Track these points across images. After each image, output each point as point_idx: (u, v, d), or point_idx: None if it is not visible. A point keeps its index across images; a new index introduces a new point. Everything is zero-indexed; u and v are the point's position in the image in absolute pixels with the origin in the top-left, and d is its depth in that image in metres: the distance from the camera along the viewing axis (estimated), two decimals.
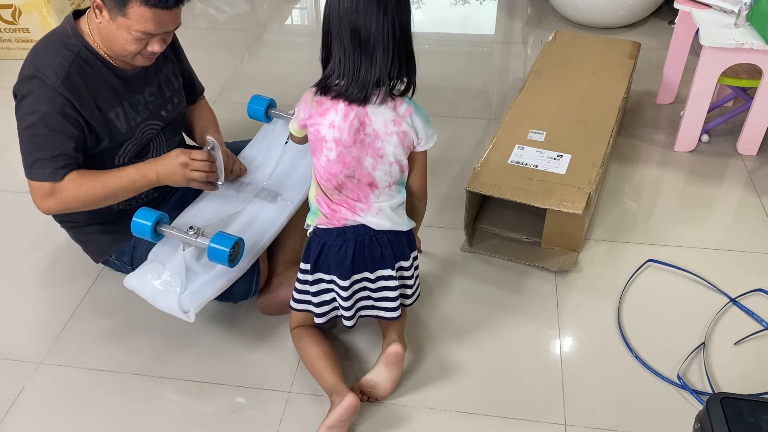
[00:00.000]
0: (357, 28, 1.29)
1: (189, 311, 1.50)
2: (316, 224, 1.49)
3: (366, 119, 1.37)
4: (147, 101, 1.67)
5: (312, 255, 1.49)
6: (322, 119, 1.38)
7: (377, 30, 1.29)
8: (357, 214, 1.45)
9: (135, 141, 1.66)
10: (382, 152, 1.40)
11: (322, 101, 1.37)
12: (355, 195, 1.44)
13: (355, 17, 1.28)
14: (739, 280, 1.86)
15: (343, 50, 1.31)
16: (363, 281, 1.51)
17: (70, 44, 1.54)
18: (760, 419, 1.21)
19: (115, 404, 1.60)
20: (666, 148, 2.41)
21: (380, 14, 1.28)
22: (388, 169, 1.42)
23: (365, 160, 1.40)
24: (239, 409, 1.58)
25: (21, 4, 2.89)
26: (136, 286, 1.56)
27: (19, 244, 2.05)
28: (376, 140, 1.38)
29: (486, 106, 2.73)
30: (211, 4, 3.61)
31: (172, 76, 1.76)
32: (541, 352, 1.70)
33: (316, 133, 1.39)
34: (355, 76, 1.32)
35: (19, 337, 1.77)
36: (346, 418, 1.45)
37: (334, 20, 1.30)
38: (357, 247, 1.46)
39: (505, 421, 1.54)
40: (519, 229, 2.03)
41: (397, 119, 1.38)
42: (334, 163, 1.40)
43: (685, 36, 2.48)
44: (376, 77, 1.33)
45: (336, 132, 1.37)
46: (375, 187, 1.43)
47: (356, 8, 1.28)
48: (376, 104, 1.36)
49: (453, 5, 3.64)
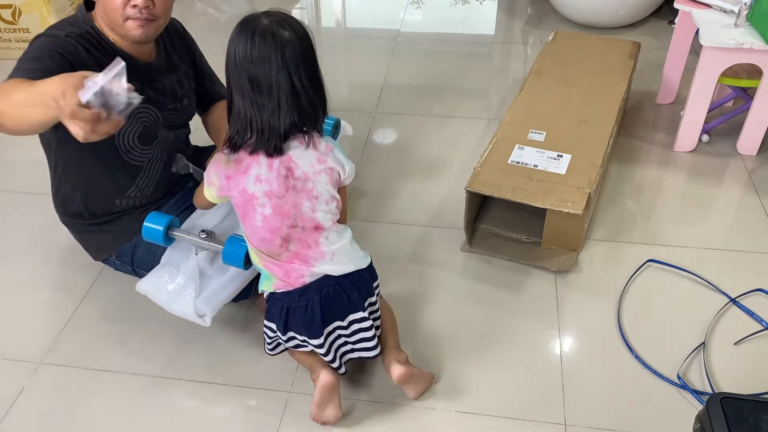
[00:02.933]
0: (256, 78, 1.26)
1: (205, 315, 1.50)
2: (273, 289, 1.44)
3: (291, 164, 1.34)
4: (148, 95, 1.63)
5: (277, 319, 1.46)
6: (245, 177, 1.34)
7: (277, 80, 1.26)
8: (312, 265, 1.41)
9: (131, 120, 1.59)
10: (316, 192, 1.38)
11: (240, 159, 1.33)
12: (305, 244, 1.40)
13: (251, 67, 1.26)
14: (739, 280, 1.86)
15: (247, 101, 1.28)
16: (336, 330, 1.46)
17: (79, 24, 1.54)
18: (760, 419, 1.21)
19: (115, 404, 1.60)
20: (666, 148, 2.41)
21: (276, 67, 1.26)
22: (327, 207, 1.40)
23: (303, 205, 1.37)
24: (239, 409, 1.58)
25: (21, 4, 2.90)
26: (149, 291, 1.55)
27: (19, 244, 2.05)
28: (307, 182, 1.36)
29: (486, 106, 2.73)
30: (211, 4, 3.61)
31: (184, 78, 1.75)
32: (541, 352, 1.70)
33: (243, 193, 1.34)
34: (264, 127, 1.29)
35: (19, 337, 1.77)
36: (326, 395, 1.46)
37: (233, 71, 1.28)
38: (323, 301, 1.41)
39: (505, 421, 1.54)
40: (519, 229, 2.03)
41: (321, 157, 1.37)
42: (272, 218, 1.36)
43: (685, 36, 2.48)
44: (286, 125, 1.30)
45: (265, 185, 1.33)
46: (321, 229, 1.40)
47: (251, 58, 1.25)
48: (296, 149, 1.34)
49: (453, 5, 3.64)
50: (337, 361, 1.51)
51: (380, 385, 1.61)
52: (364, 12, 3.69)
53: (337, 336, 1.48)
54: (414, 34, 3.35)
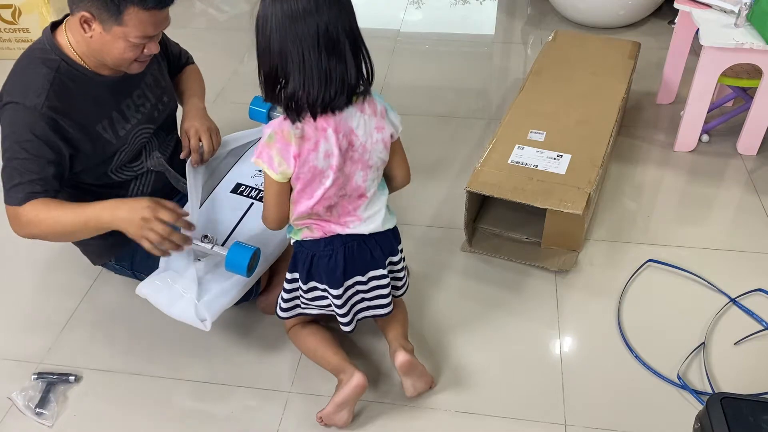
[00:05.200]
0: (318, 31, 1.19)
1: (206, 320, 1.49)
2: (301, 238, 1.44)
3: (353, 136, 1.32)
4: (137, 104, 1.64)
5: (301, 266, 1.46)
6: (315, 153, 1.29)
7: (340, 27, 1.21)
8: (347, 227, 1.42)
9: (125, 149, 1.62)
10: (371, 162, 1.37)
11: (306, 135, 1.28)
12: (345, 210, 1.40)
13: (315, 19, 1.18)
14: (739, 280, 1.86)
15: (307, 61, 1.20)
16: (355, 285, 1.49)
17: (48, 60, 1.48)
18: (760, 419, 1.21)
19: (115, 404, 1.60)
20: (666, 148, 2.41)
21: (336, 8, 1.21)
22: (376, 174, 1.40)
23: (356, 175, 1.36)
24: (239, 409, 1.58)
25: (21, 4, 2.90)
26: (149, 294, 1.54)
27: (19, 244, 2.04)
28: (365, 153, 1.35)
29: (486, 106, 2.73)
30: (211, 4, 3.61)
31: (159, 74, 1.72)
32: (541, 352, 1.70)
33: (313, 169, 1.31)
34: (328, 83, 1.23)
35: (19, 337, 1.77)
36: (354, 396, 1.47)
37: (287, 32, 1.19)
38: (347, 254, 1.43)
39: (505, 421, 1.54)
40: (519, 229, 2.03)
41: (379, 123, 1.34)
42: (330, 190, 1.34)
43: (685, 36, 2.48)
44: (353, 77, 1.25)
45: (333, 159, 1.30)
46: (365, 198, 1.40)
47: (306, 10, 1.18)
48: (355, 116, 1.30)
49: (453, 5, 3.64)
50: (350, 316, 1.52)
51: (380, 385, 1.62)
52: (364, 12, 3.68)
53: (356, 291, 1.50)
54: (414, 34, 3.35)
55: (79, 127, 1.51)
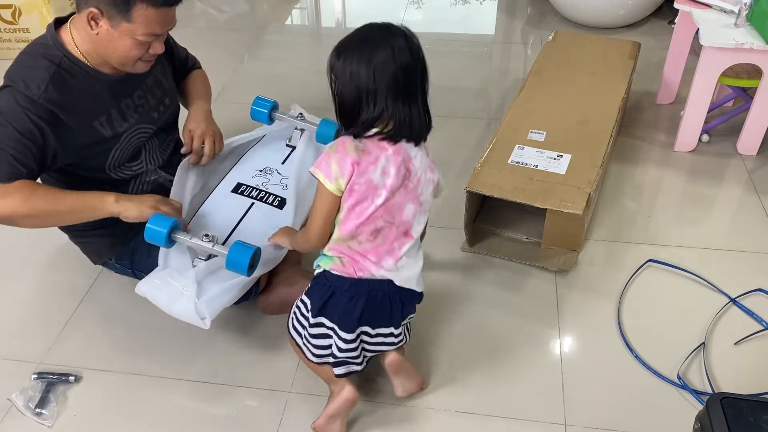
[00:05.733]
0: (398, 77, 1.25)
1: (206, 318, 1.49)
2: (329, 268, 1.39)
3: (410, 165, 1.32)
4: (137, 105, 1.64)
5: (318, 296, 1.41)
6: (374, 167, 1.28)
7: (418, 80, 1.28)
8: (383, 267, 1.37)
9: (121, 147, 1.62)
10: (422, 198, 1.36)
11: (368, 149, 1.28)
12: (389, 244, 1.36)
13: (393, 66, 1.24)
14: (739, 280, 1.86)
15: (388, 99, 1.25)
16: (362, 334, 1.45)
17: (50, 55, 1.49)
18: (760, 419, 1.21)
19: (115, 404, 1.60)
20: (666, 148, 2.41)
21: (417, 68, 1.28)
22: (423, 218, 1.39)
23: (406, 207, 1.34)
24: (239, 409, 1.58)
25: (21, 4, 2.89)
26: (148, 293, 1.53)
27: (19, 244, 2.05)
28: (418, 186, 1.34)
29: (486, 106, 2.73)
30: (211, 4, 3.61)
31: (162, 76, 1.72)
32: (541, 352, 1.70)
33: (368, 182, 1.29)
34: (406, 118, 1.27)
35: (19, 337, 1.77)
36: (344, 409, 1.47)
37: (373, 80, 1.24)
38: (368, 301, 1.38)
39: (505, 421, 1.54)
40: (519, 229, 2.03)
41: (432, 166, 1.37)
42: (379, 210, 1.31)
43: (685, 36, 2.48)
44: (426, 120, 1.31)
45: (388, 179, 1.29)
46: (410, 237, 1.37)
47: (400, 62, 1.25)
48: (414, 150, 1.32)
49: (453, 5, 3.64)
50: (359, 357, 1.48)
51: (380, 386, 1.61)
52: (364, 12, 3.69)
53: (362, 340, 1.46)
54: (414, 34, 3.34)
55: (76, 120, 1.51)
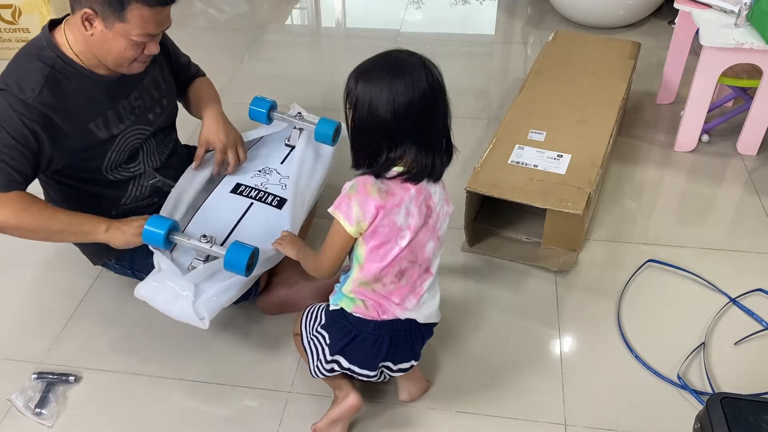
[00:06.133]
0: (421, 120, 1.22)
1: (204, 318, 1.48)
2: (351, 311, 1.36)
3: (431, 201, 1.30)
4: (133, 106, 1.63)
5: (337, 338, 1.38)
6: (398, 209, 1.25)
7: (437, 117, 1.27)
8: (407, 308, 1.35)
9: (116, 149, 1.61)
10: (441, 233, 1.35)
11: (392, 190, 1.24)
12: (412, 284, 1.35)
13: (415, 109, 1.20)
14: (739, 280, 1.86)
15: (411, 142, 1.22)
16: (384, 368, 1.44)
17: (44, 57, 1.48)
18: (760, 419, 1.21)
19: (115, 404, 1.60)
20: (666, 148, 2.41)
21: (437, 103, 1.26)
22: (440, 251, 1.37)
23: (427, 244, 1.33)
24: (239, 409, 1.58)
25: (21, 4, 2.89)
26: (146, 296, 1.53)
27: (19, 244, 2.04)
28: (438, 222, 1.33)
29: (486, 106, 2.73)
30: (211, 4, 3.61)
31: (160, 77, 1.71)
32: (541, 352, 1.70)
33: (392, 224, 1.26)
34: (429, 160, 1.25)
35: (19, 337, 1.77)
36: (347, 415, 1.47)
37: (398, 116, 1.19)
38: (392, 341, 1.37)
39: (505, 421, 1.54)
40: (519, 229, 2.03)
41: (447, 198, 1.36)
42: (404, 251, 1.29)
43: (685, 36, 2.48)
44: (444, 160, 1.29)
45: (411, 219, 1.27)
46: (430, 274, 1.37)
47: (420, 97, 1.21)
48: (437, 185, 1.31)
49: (453, 5, 3.64)
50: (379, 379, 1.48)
51: (379, 386, 1.61)
52: (364, 12, 3.69)
53: (383, 372, 1.45)
54: (414, 34, 3.34)
55: (71, 123, 1.51)
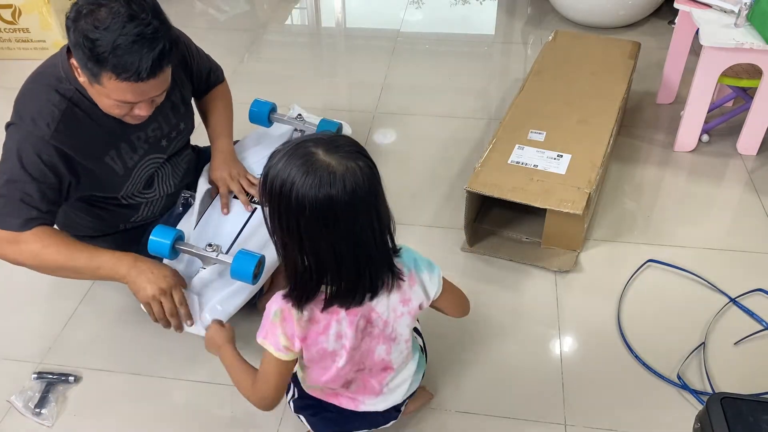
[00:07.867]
0: (335, 226, 0.99)
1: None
2: (307, 390, 1.33)
3: (372, 313, 1.16)
4: (148, 136, 1.59)
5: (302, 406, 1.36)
6: (325, 336, 1.14)
7: (362, 225, 1.01)
8: (361, 404, 1.30)
9: (133, 181, 1.59)
10: (395, 335, 1.21)
11: (315, 317, 1.11)
12: (366, 385, 1.28)
13: (329, 213, 0.97)
14: (739, 280, 1.86)
15: (330, 254, 1.02)
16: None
17: (62, 88, 1.43)
18: (760, 419, 1.21)
19: (115, 404, 1.60)
20: (666, 148, 2.41)
21: (361, 210, 1.00)
22: (403, 347, 1.25)
23: (376, 349, 1.21)
24: (239, 411, 1.58)
25: (21, 4, 2.89)
26: None
27: None
28: (386, 327, 1.19)
29: (486, 106, 2.73)
30: (211, 4, 3.61)
31: (179, 100, 1.65)
32: (541, 352, 1.70)
33: (321, 351, 1.16)
34: (352, 279, 1.06)
35: (19, 337, 1.77)
36: None
37: (303, 222, 0.98)
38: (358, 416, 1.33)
39: (505, 421, 1.54)
40: (519, 229, 2.03)
41: (405, 297, 1.17)
42: (344, 368, 1.20)
43: (685, 36, 2.48)
44: (381, 273, 1.10)
45: (345, 341, 1.15)
46: (390, 370, 1.27)
47: (332, 202, 0.96)
48: (384, 292, 1.14)
49: (453, 5, 3.64)
50: None
51: None
52: (364, 12, 3.69)
53: None
54: (414, 34, 3.34)
55: (87, 158, 1.47)
